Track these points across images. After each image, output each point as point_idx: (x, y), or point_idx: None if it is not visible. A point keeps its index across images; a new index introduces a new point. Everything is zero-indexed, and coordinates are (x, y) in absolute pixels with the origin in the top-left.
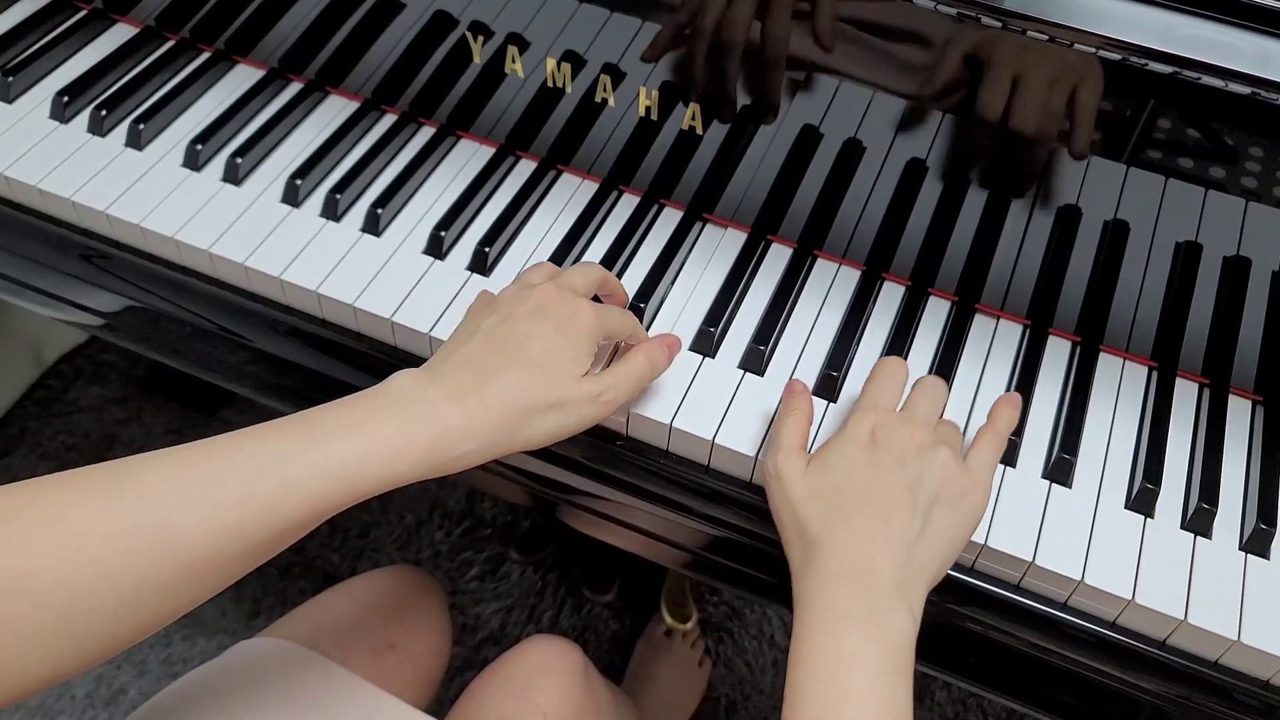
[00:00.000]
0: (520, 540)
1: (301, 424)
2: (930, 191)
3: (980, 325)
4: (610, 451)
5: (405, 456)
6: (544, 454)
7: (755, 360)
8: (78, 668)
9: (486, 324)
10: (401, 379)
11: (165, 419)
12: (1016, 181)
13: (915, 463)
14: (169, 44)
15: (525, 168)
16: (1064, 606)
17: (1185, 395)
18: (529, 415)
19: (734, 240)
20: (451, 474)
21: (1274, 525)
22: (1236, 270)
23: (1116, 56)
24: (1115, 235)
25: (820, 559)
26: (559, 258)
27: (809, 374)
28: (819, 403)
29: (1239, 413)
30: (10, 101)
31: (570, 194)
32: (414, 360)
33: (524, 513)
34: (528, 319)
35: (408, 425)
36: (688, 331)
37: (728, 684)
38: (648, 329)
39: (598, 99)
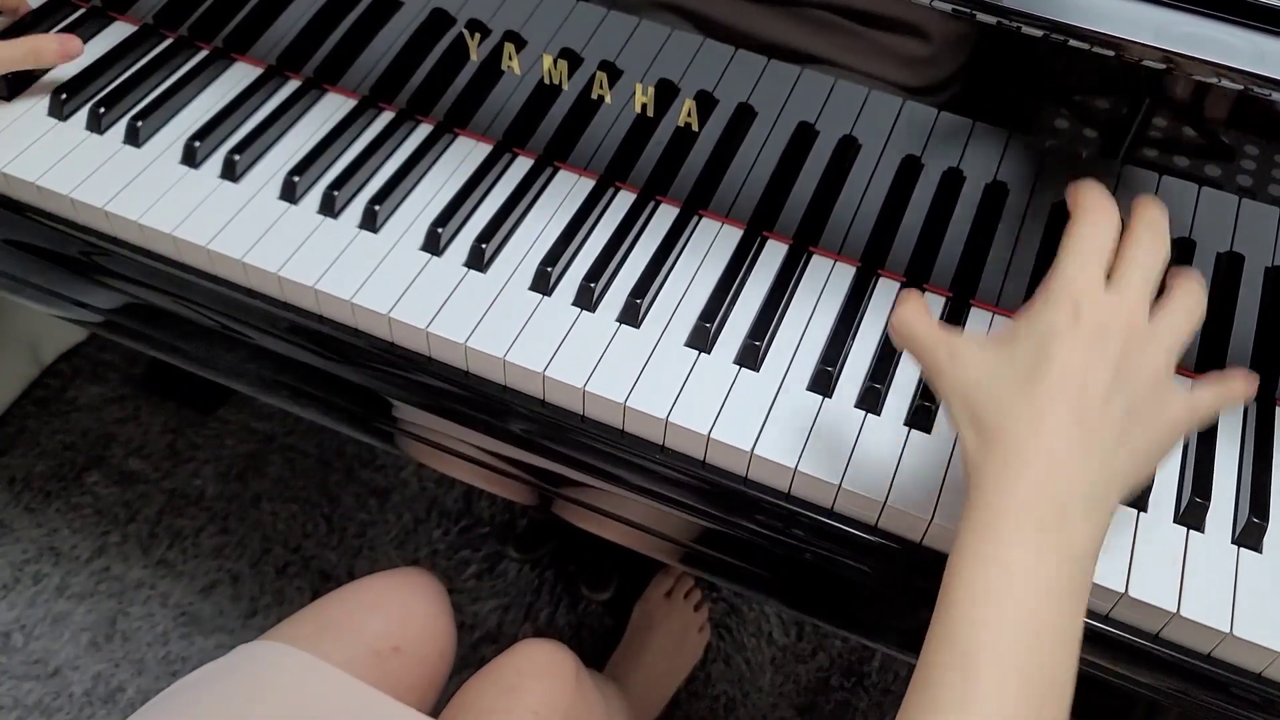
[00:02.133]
0: (518, 538)
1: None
2: (925, 188)
3: (975, 320)
4: (607, 446)
5: None
6: (542, 449)
7: (751, 356)
8: None
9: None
10: None
11: (163, 418)
12: (1011, 179)
13: (1126, 354)
14: (167, 41)
15: (522, 164)
16: None
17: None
18: None
19: (730, 236)
20: None
21: (1266, 519)
22: (1230, 266)
23: (1111, 53)
24: None
25: (1000, 452)
26: (556, 254)
27: (804, 370)
28: (814, 398)
29: (1232, 408)
30: (9, 99)
31: (567, 190)
32: (412, 356)
33: (521, 511)
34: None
35: None
36: (684, 327)
37: (726, 680)
38: (641, 324)
39: (594, 96)
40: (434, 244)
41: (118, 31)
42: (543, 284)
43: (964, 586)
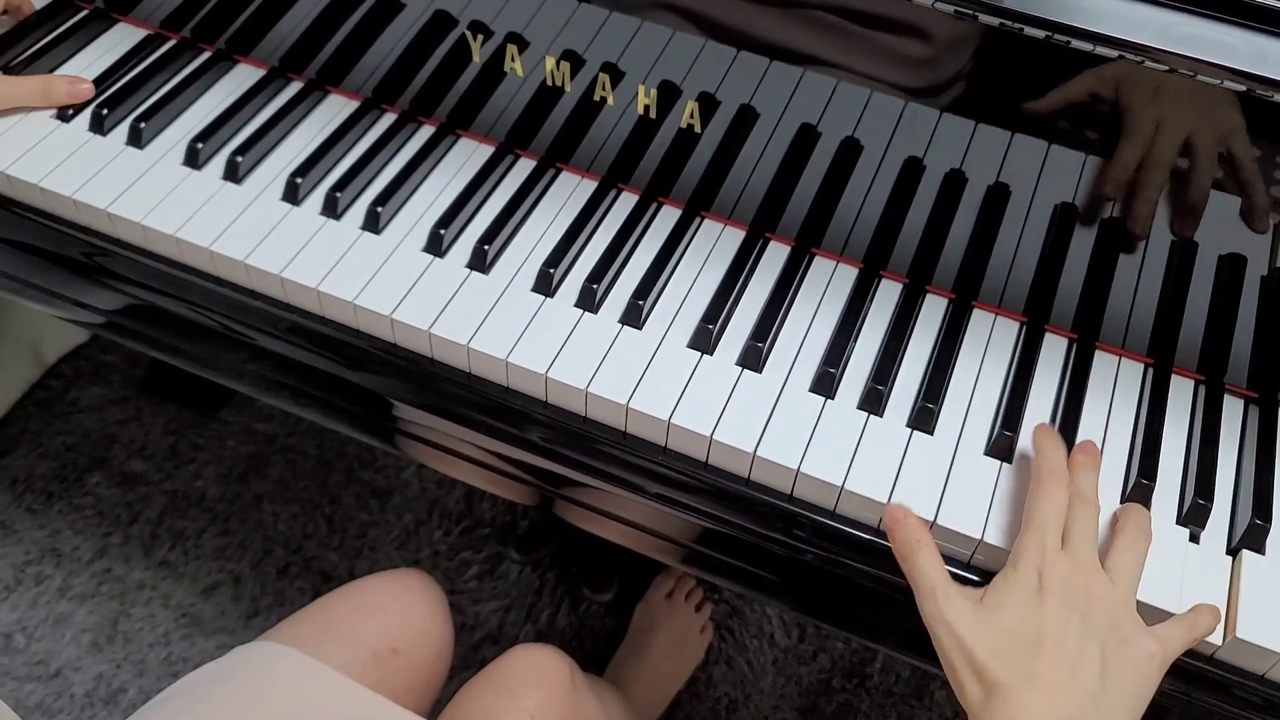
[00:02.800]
0: (519, 540)
1: None
2: (928, 189)
3: (977, 322)
4: (610, 448)
5: None
6: (544, 450)
7: (753, 357)
8: None
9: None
10: None
11: (165, 419)
12: (1013, 180)
13: (1088, 611)
14: (170, 43)
15: (524, 166)
16: None
17: (1181, 392)
18: None
19: (732, 238)
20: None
21: (1268, 521)
22: (1232, 268)
23: (1113, 54)
24: (1112, 232)
25: (1003, 706)
26: (558, 255)
27: (807, 371)
28: (816, 399)
29: (1234, 409)
30: None
31: (569, 192)
32: (414, 358)
33: (523, 512)
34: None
35: None
36: (686, 328)
37: (729, 683)
38: (643, 325)
39: (597, 97)
40: (436, 245)
41: (121, 33)
42: (545, 285)
43: None
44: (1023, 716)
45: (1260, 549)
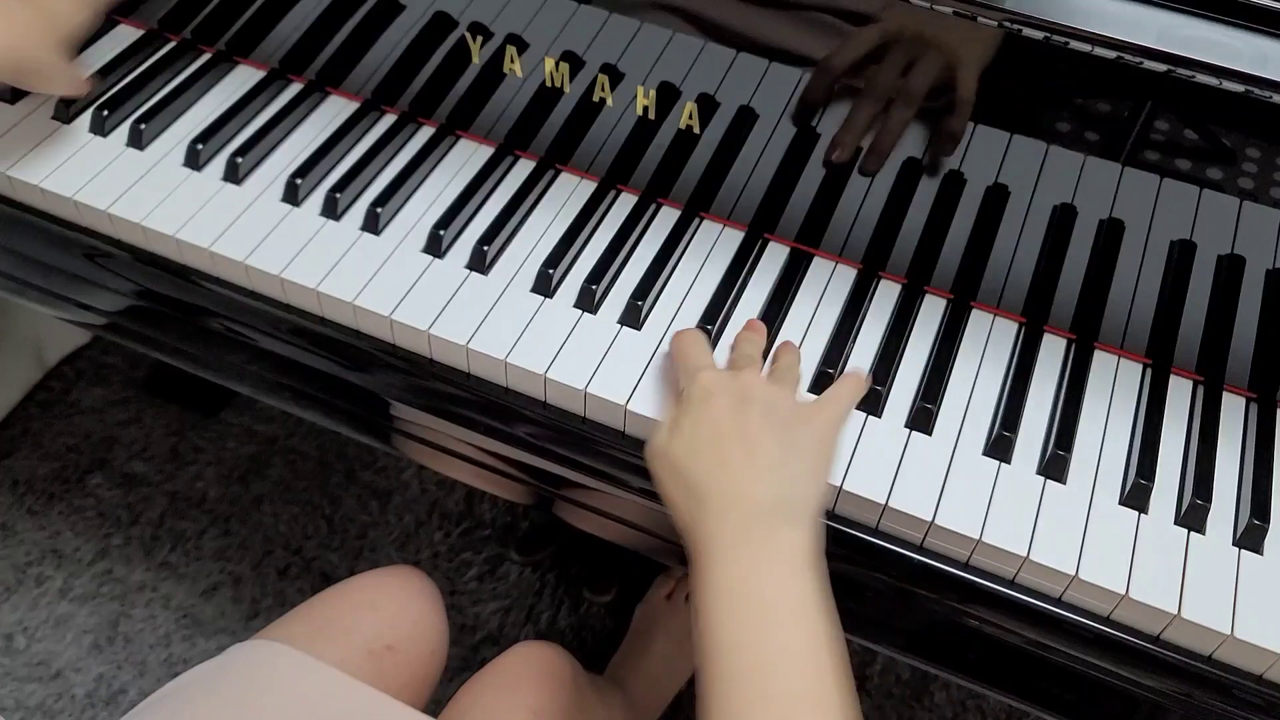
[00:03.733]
0: (519, 541)
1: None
2: (926, 190)
3: (976, 322)
4: (609, 449)
5: None
6: (544, 451)
7: None
8: None
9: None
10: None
11: (166, 420)
12: (1012, 181)
13: (748, 399)
14: (170, 45)
15: (524, 167)
16: (1059, 602)
17: (1180, 392)
18: None
19: (731, 239)
20: None
21: (1267, 520)
22: (1231, 269)
23: (1113, 55)
24: (1111, 234)
25: (706, 505)
26: (557, 256)
27: (806, 370)
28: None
29: (1233, 409)
30: (13, 102)
31: (569, 193)
32: (414, 358)
33: (523, 513)
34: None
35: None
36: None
37: None
38: (642, 326)
39: (596, 99)
40: (436, 246)
41: (122, 35)
42: (544, 286)
43: (716, 606)
44: (714, 503)
45: (1258, 549)
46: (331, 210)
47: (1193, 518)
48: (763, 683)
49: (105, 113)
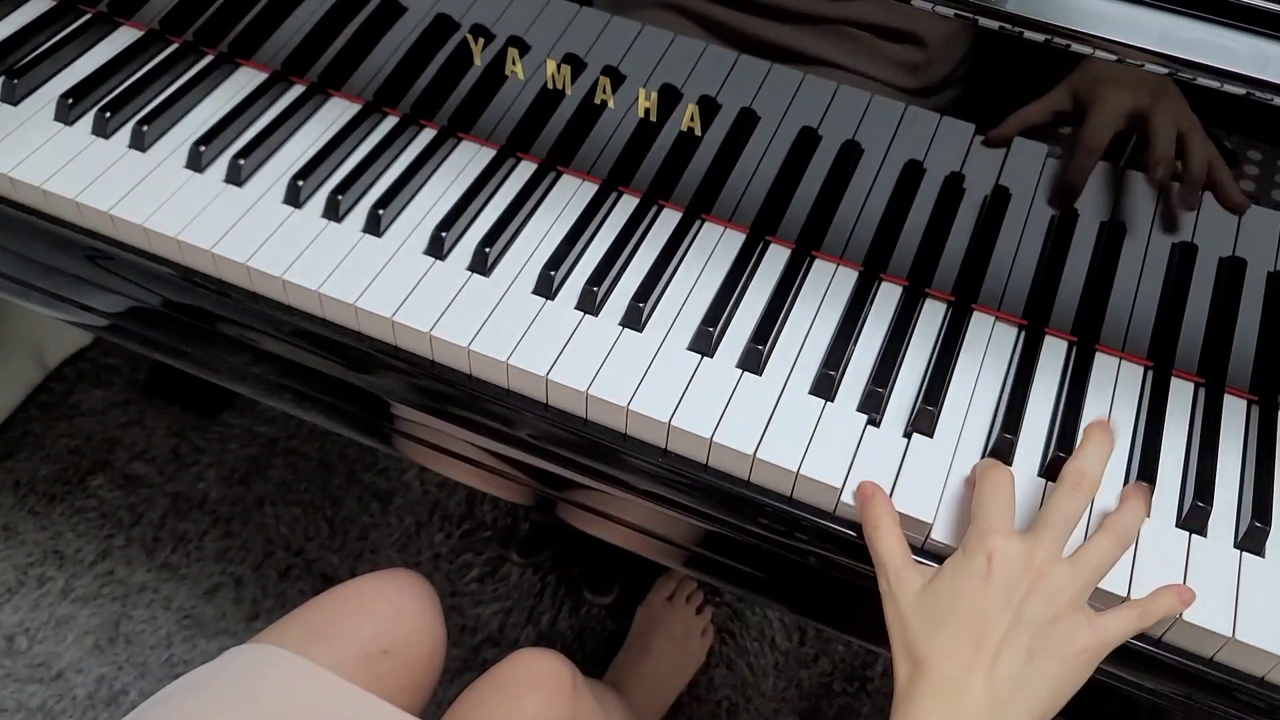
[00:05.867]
0: (520, 542)
1: None
2: (928, 193)
3: (977, 325)
4: (611, 450)
5: None
6: (545, 452)
7: (753, 360)
8: None
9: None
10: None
11: (167, 422)
12: (1013, 183)
13: (1027, 600)
14: (172, 47)
15: (526, 169)
16: None
17: (1181, 395)
18: None
19: (732, 241)
20: None
21: (1268, 523)
22: (1232, 271)
23: (1114, 58)
24: (1112, 236)
25: (921, 679)
26: (559, 258)
27: (807, 374)
28: (817, 402)
29: (1234, 412)
30: (15, 103)
31: (570, 195)
32: (416, 360)
33: (524, 515)
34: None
35: None
36: (687, 331)
37: (729, 685)
38: (644, 328)
39: (597, 101)
40: (438, 248)
41: (123, 36)
42: (546, 288)
43: None
44: (934, 689)
45: (1260, 552)
46: (334, 212)
47: (1194, 520)
48: None
49: (108, 114)
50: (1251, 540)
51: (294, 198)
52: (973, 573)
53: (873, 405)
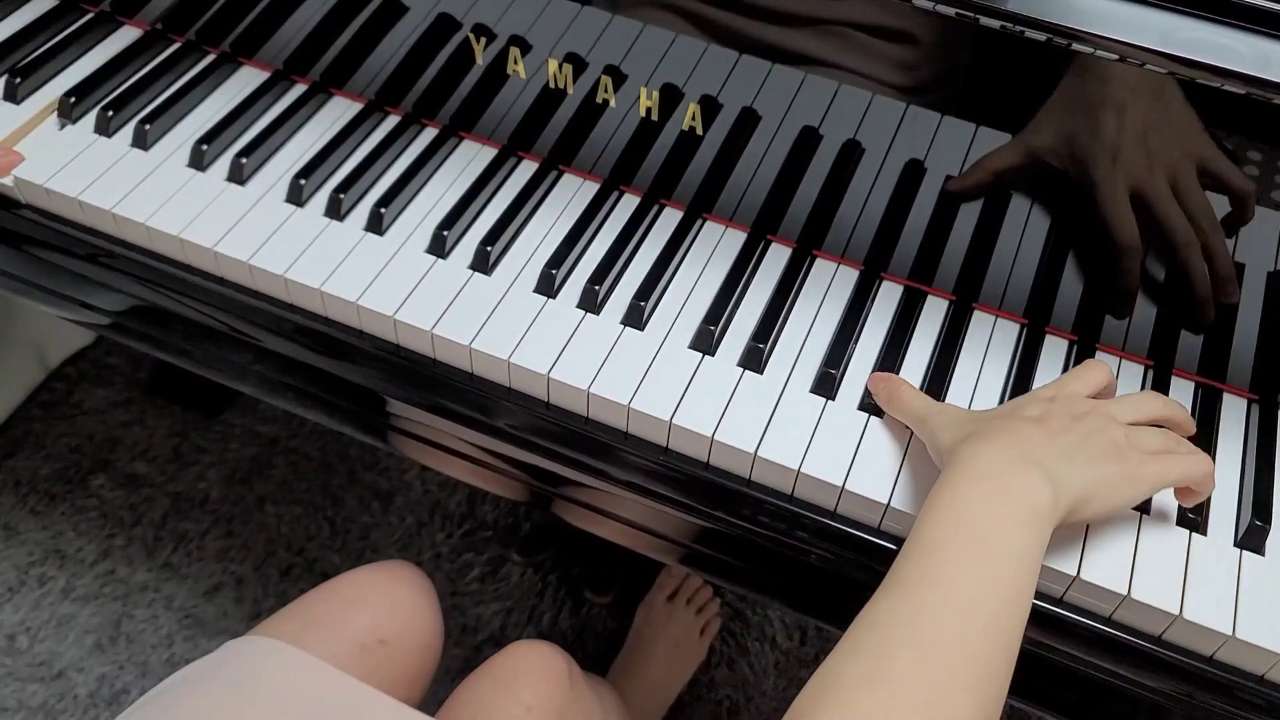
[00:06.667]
0: (521, 542)
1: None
2: (929, 192)
3: (978, 324)
4: (612, 448)
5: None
6: (546, 450)
7: (754, 358)
8: None
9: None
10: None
11: (168, 421)
12: (1015, 184)
13: (1087, 419)
14: (175, 46)
15: (527, 168)
16: (1061, 602)
17: (1181, 394)
18: None
19: (734, 240)
20: None
21: (1268, 522)
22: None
23: (1115, 57)
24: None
25: (982, 432)
26: (560, 257)
27: (808, 372)
28: (817, 400)
29: (1234, 411)
30: (18, 103)
31: (572, 194)
32: (417, 359)
33: (525, 514)
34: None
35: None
36: (688, 329)
37: (730, 685)
38: (645, 327)
39: (599, 100)
40: (439, 247)
41: (126, 35)
42: (547, 287)
43: (936, 514)
44: (999, 433)
45: (1260, 550)
46: (335, 211)
47: (1194, 519)
48: (935, 597)
49: (110, 113)
50: (1252, 539)
51: (296, 196)
52: (1023, 417)
53: (874, 404)
